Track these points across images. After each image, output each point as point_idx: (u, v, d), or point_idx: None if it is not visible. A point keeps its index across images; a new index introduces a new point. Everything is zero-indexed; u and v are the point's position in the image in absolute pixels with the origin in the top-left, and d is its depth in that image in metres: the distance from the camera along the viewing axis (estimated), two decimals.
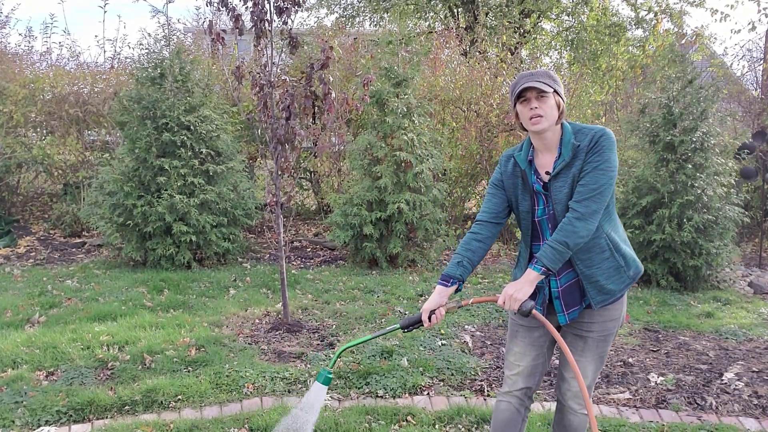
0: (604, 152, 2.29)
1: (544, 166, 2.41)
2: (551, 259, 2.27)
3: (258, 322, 5.18)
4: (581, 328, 2.47)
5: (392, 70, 7.19)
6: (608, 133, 2.32)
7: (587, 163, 2.30)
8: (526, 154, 2.44)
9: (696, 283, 6.42)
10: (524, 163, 2.43)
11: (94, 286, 6.18)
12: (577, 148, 2.33)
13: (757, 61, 11.04)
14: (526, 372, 2.56)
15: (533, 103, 2.30)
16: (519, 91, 2.30)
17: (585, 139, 2.33)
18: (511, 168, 2.48)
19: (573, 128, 2.39)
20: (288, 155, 4.85)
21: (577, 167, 2.32)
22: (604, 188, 2.28)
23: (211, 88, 7.73)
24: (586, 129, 2.36)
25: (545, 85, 2.28)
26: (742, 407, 3.69)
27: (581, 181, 2.30)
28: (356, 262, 7.35)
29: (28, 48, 10.71)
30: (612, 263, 2.39)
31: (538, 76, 2.32)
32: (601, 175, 2.28)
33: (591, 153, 2.30)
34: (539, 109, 2.30)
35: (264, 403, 3.66)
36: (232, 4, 4.74)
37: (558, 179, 2.36)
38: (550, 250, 2.28)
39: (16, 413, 3.46)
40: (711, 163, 6.53)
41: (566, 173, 2.34)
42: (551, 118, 2.32)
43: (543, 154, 2.42)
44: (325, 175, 9.42)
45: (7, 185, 9.39)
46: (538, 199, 2.44)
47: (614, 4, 21.41)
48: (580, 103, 8.97)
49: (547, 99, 2.30)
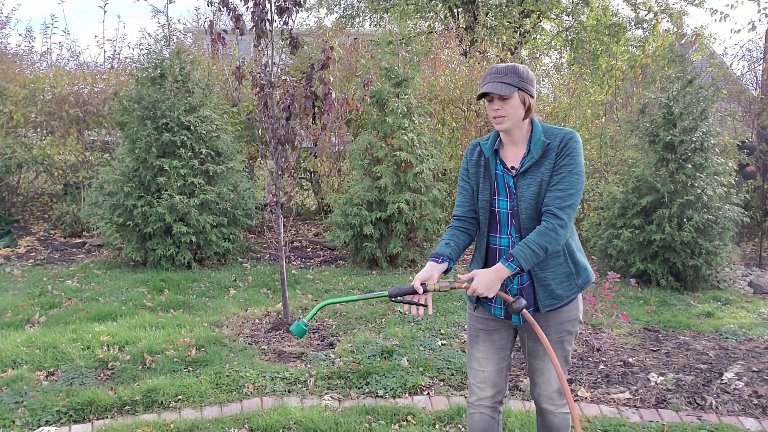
0: (575, 155, 2.30)
1: (511, 159, 2.41)
2: (527, 260, 2.25)
3: (258, 322, 5.18)
4: None
5: (392, 70, 7.19)
6: (577, 136, 2.34)
7: (560, 165, 2.29)
8: (493, 143, 2.43)
9: (696, 282, 6.42)
10: (489, 151, 2.43)
11: (95, 286, 6.18)
12: (547, 146, 2.32)
13: (756, 61, 11.03)
14: (492, 377, 2.52)
15: (496, 104, 2.30)
16: (481, 93, 2.31)
17: (555, 139, 2.33)
18: (477, 156, 2.48)
19: (542, 127, 2.38)
20: (288, 155, 4.86)
21: (546, 167, 2.31)
22: (579, 193, 2.30)
23: (211, 88, 7.73)
24: (556, 130, 2.37)
25: (507, 87, 2.26)
26: (742, 407, 3.69)
27: (558, 185, 2.29)
28: (356, 262, 7.35)
29: (28, 48, 10.73)
30: (564, 269, 2.39)
31: (501, 76, 2.29)
32: (576, 180, 2.29)
33: (562, 155, 2.29)
34: (501, 110, 2.30)
35: (264, 403, 3.67)
36: (233, 5, 4.75)
37: (526, 177, 2.34)
38: (528, 251, 2.25)
39: (16, 413, 3.47)
40: (711, 162, 6.53)
41: (535, 172, 2.33)
42: (514, 117, 2.31)
43: (509, 147, 2.42)
44: (325, 175, 9.42)
45: (7, 185, 9.40)
46: (500, 190, 2.42)
47: (614, 4, 21.42)
48: (580, 103, 8.97)
49: (510, 99, 2.29)
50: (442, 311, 5.37)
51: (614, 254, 6.63)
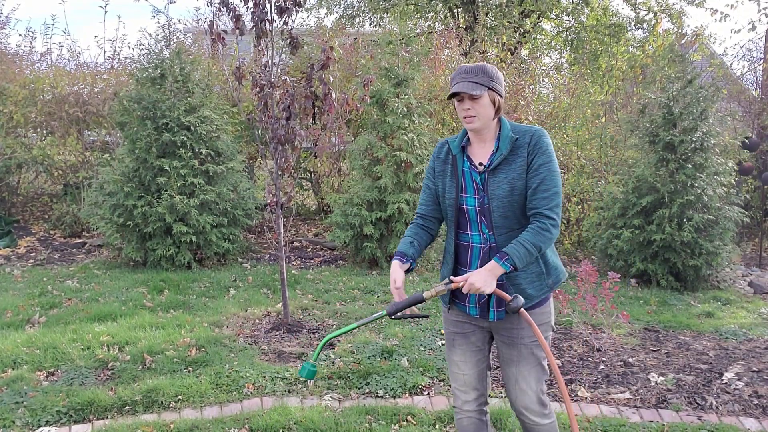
0: (549, 152, 2.31)
1: (479, 157, 2.41)
2: (522, 259, 2.23)
3: (258, 322, 5.18)
4: (511, 336, 2.43)
5: (392, 70, 7.19)
6: (545, 132, 2.36)
7: (537, 165, 2.29)
8: (461, 141, 2.44)
9: (696, 282, 6.42)
10: (456, 149, 2.43)
11: (95, 286, 6.18)
12: (515, 142, 2.33)
13: (757, 61, 11.03)
14: (472, 380, 2.51)
15: (466, 104, 2.31)
16: (451, 92, 2.30)
17: (524, 136, 2.33)
18: (444, 154, 2.48)
19: (510, 125, 2.39)
20: (288, 155, 4.86)
21: (518, 165, 2.31)
22: (561, 189, 2.32)
23: (211, 88, 7.73)
24: (524, 127, 2.38)
25: (477, 86, 2.27)
26: (742, 407, 3.69)
27: (542, 186, 2.28)
28: (356, 262, 7.35)
29: (28, 48, 10.73)
30: (536, 269, 2.38)
31: (471, 76, 2.29)
32: (556, 178, 2.30)
33: (536, 153, 2.30)
34: (471, 110, 2.31)
35: (264, 404, 3.67)
36: (233, 5, 4.75)
37: (497, 174, 2.34)
38: (523, 250, 2.24)
39: (16, 413, 3.46)
40: (711, 163, 6.53)
41: (506, 169, 2.32)
42: (485, 117, 2.32)
43: (477, 144, 2.42)
44: (325, 175, 9.42)
45: (7, 185, 9.40)
46: (467, 187, 2.41)
47: (614, 4, 21.42)
48: (580, 103, 8.97)
49: (480, 99, 2.29)
50: (441, 311, 5.36)
51: (614, 254, 6.63)
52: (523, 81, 8.94)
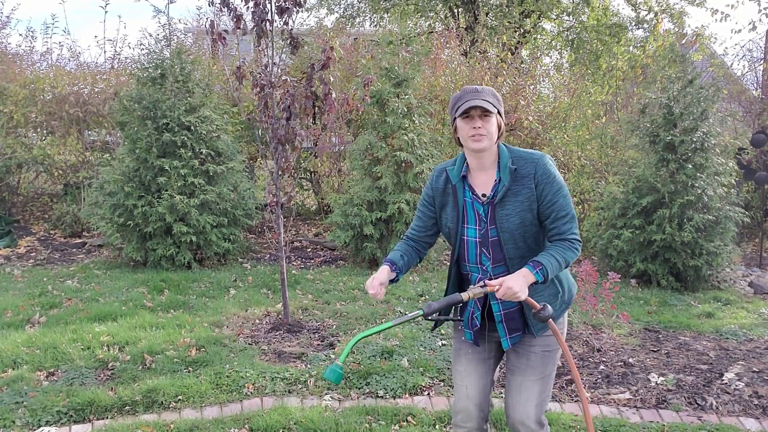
0: (556, 178, 2.27)
1: (481, 186, 2.34)
2: (553, 270, 2.23)
3: (258, 322, 5.18)
4: (523, 343, 2.41)
5: (393, 70, 7.19)
6: (546, 157, 2.31)
7: (549, 195, 2.25)
8: (460, 169, 2.36)
9: (696, 283, 6.41)
10: (456, 178, 2.36)
11: (95, 286, 6.18)
12: (514, 172, 2.27)
13: (757, 61, 11.03)
14: (474, 393, 2.44)
15: (477, 122, 2.24)
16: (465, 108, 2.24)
17: (526, 165, 2.27)
18: (443, 183, 2.40)
19: (510, 152, 2.32)
20: (288, 155, 4.85)
21: (525, 196, 2.26)
22: (569, 205, 2.29)
23: (211, 88, 7.73)
24: (523, 153, 2.31)
25: (490, 105, 2.23)
26: (742, 407, 3.69)
27: (560, 213, 2.26)
28: (356, 263, 7.35)
29: (28, 48, 10.73)
30: (552, 290, 2.37)
31: (484, 95, 2.26)
32: (568, 200, 2.28)
33: (545, 183, 2.25)
34: (482, 128, 2.24)
35: (264, 404, 3.67)
36: (233, 5, 4.75)
37: (504, 207, 2.28)
38: (555, 262, 2.23)
39: (16, 413, 3.47)
40: (711, 163, 6.52)
41: (513, 201, 2.27)
42: (492, 138, 2.27)
43: (478, 173, 2.35)
44: (326, 175, 9.42)
45: (7, 185, 9.40)
46: (469, 217, 2.36)
47: (615, 4, 21.42)
48: (581, 103, 8.97)
49: (490, 118, 2.25)
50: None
51: (614, 254, 6.63)
52: (524, 81, 8.94)
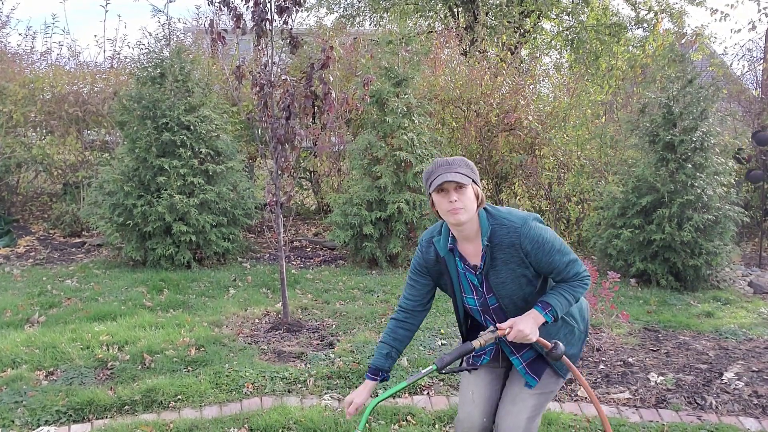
0: (545, 237, 2.20)
1: (471, 257, 2.30)
2: (563, 309, 2.23)
3: (258, 321, 5.18)
4: None
5: (392, 69, 7.19)
6: (529, 222, 2.22)
7: (542, 255, 2.20)
8: (446, 241, 2.31)
9: (696, 282, 6.41)
10: (444, 250, 2.31)
11: (94, 285, 6.18)
12: (496, 246, 2.21)
13: (757, 61, 11.03)
14: (481, 401, 2.41)
15: (452, 195, 2.17)
16: (438, 183, 2.17)
17: (509, 235, 2.20)
18: (433, 254, 2.35)
19: (491, 219, 2.24)
20: (288, 155, 4.85)
21: (515, 264, 2.22)
22: (569, 250, 2.26)
23: (211, 87, 7.72)
24: (507, 222, 2.22)
25: (464, 177, 2.16)
26: (742, 407, 3.69)
27: (558, 266, 2.22)
28: (356, 262, 7.34)
29: (28, 48, 10.72)
30: (566, 329, 2.36)
31: (456, 166, 2.19)
32: (563, 250, 2.23)
33: (536, 248, 2.19)
34: (458, 202, 2.16)
35: (264, 403, 3.66)
36: (233, 4, 4.74)
37: (498, 275, 2.25)
38: (565, 301, 2.23)
39: (15, 413, 3.46)
40: (711, 162, 6.52)
41: (505, 269, 2.24)
42: (471, 210, 2.19)
43: (464, 243, 2.30)
44: (325, 174, 9.42)
45: (6, 185, 9.39)
46: (465, 287, 2.34)
47: (614, 4, 21.42)
48: (580, 103, 8.97)
49: (465, 189, 2.18)
50: (441, 311, 5.37)
51: (614, 254, 6.63)
52: (523, 80, 8.94)
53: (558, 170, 8.63)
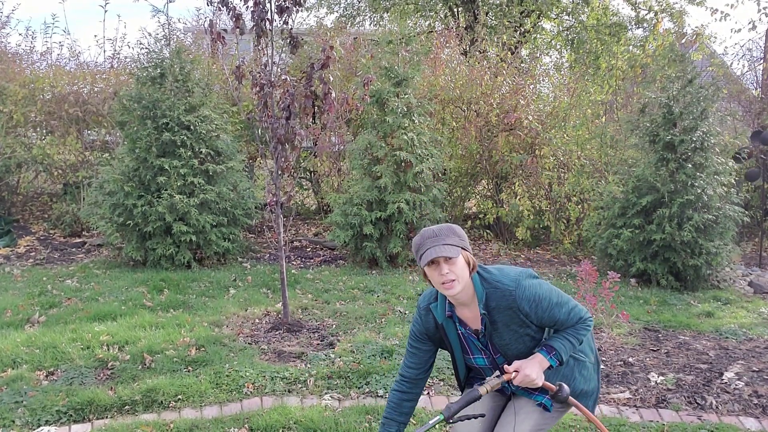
0: (541, 294, 2.21)
1: (471, 321, 2.31)
2: (567, 353, 2.24)
3: (258, 321, 5.18)
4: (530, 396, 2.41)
5: (392, 69, 7.19)
6: (523, 283, 2.22)
7: (542, 312, 2.22)
8: (443, 308, 2.31)
9: (696, 282, 6.41)
10: (442, 317, 2.32)
11: (94, 285, 6.18)
12: (492, 309, 2.22)
13: (757, 61, 11.04)
14: (483, 409, 2.41)
15: (443, 268, 2.16)
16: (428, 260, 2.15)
17: (504, 299, 2.21)
18: (432, 322, 2.36)
19: (485, 283, 2.24)
20: (288, 155, 4.85)
21: (517, 325, 2.23)
22: (568, 299, 2.26)
23: (211, 87, 7.72)
24: (501, 286, 2.22)
25: (452, 248, 2.15)
26: (742, 407, 3.69)
27: (560, 318, 2.24)
28: (356, 262, 7.34)
29: (28, 48, 10.72)
30: (579, 365, 2.37)
31: (443, 238, 2.16)
32: (561, 301, 2.24)
33: (534, 309, 2.21)
34: (450, 273, 2.16)
35: (264, 403, 3.67)
36: (232, 4, 4.74)
37: (502, 338, 2.26)
38: (569, 344, 2.24)
39: (16, 413, 3.46)
40: (711, 162, 6.52)
41: (507, 331, 2.25)
42: (464, 280, 2.19)
43: (462, 309, 2.30)
44: (325, 174, 9.42)
45: (7, 185, 9.39)
46: (472, 349, 2.36)
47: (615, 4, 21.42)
48: (580, 103, 8.97)
49: (456, 260, 2.16)
50: None
51: (614, 254, 6.63)
52: (523, 80, 8.94)
53: (558, 170, 8.63)
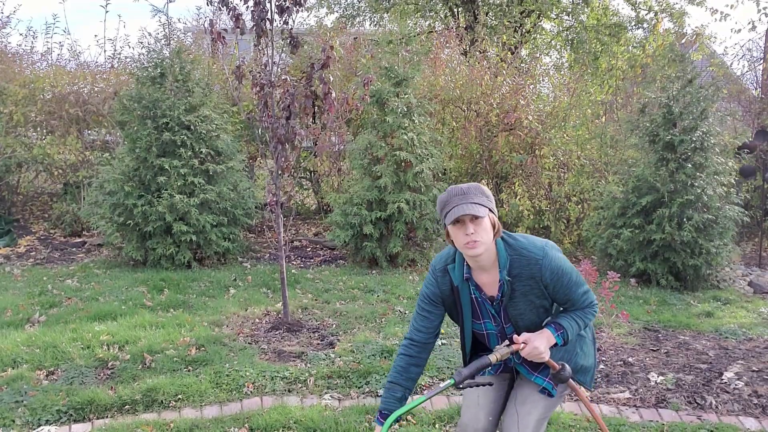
0: (563, 268, 2.19)
1: (487, 287, 2.27)
2: (573, 334, 2.24)
3: (258, 321, 5.18)
4: None
5: (392, 69, 7.19)
6: (550, 254, 2.19)
7: (560, 287, 2.21)
8: (461, 271, 2.27)
9: (696, 282, 6.42)
10: (458, 280, 2.27)
11: (95, 285, 6.18)
12: (515, 278, 2.19)
13: (757, 61, 11.04)
14: (486, 402, 2.40)
15: (469, 228, 2.11)
16: (454, 217, 2.10)
17: (529, 266, 2.18)
18: (448, 284, 2.30)
19: (509, 249, 2.21)
20: (288, 155, 4.86)
21: (535, 294, 2.22)
22: (582, 285, 2.26)
23: (211, 87, 7.72)
24: (526, 253, 2.19)
25: (480, 207, 2.11)
26: (741, 406, 3.69)
27: (574, 296, 2.23)
28: (356, 262, 7.35)
29: (28, 48, 10.73)
30: (579, 340, 2.37)
31: (471, 196, 2.11)
32: (578, 280, 2.23)
33: (554, 280, 2.19)
34: (476, 234, 2.11)
35: (264, 403, 3.67)
36: (232, 4, 4.75)
37: (516, 307, 2.24)
38: (576, 326, 2.24)
39: (16, 412, 3.47)
40: (711, 162, 6.53)
41: (524, 300, 2.23)
42: (487, 241, 2.14)
43: (480, 273, 2.26)
44: (325, 174, 9.42)
45: (7, 185, 9.40)
46: (483, 314, 2.32)
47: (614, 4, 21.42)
48: (580, 103, 8.97)
49: (482, 220, 2.11)
50: None
51: (614, 254, 6.63)
52: (523, 80, 8.94)
53: (558, 170, 8.63)
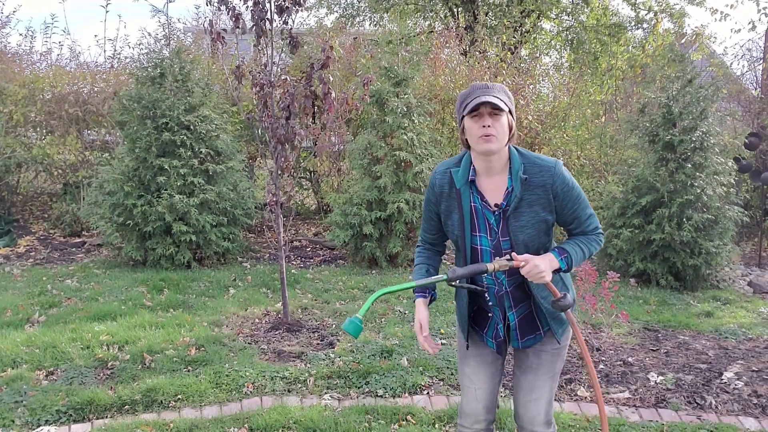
0: (573, 184, 2.16)
1: (491, 193, 2.18)
2: (577, 261, 2.18)
3: (258, 321, 5.18)
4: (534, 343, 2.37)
5: (392, 69, 7.19)
6: (560, 164, 2.17)
7: (569, 202, 2.16)
8: (466, 173, 2.19)
9: (695, 282, 6.42)
10: (461, 182, 2.19)
11: (94, 285, 6.18)
12: (526, 182, 2.13)
13: (756, 61, 11.03)
14: (484, 395, 2.39)
15: (486, 120, 2.06)
16: (473, 105, 2.06)
17: (541, 174, 2.13)
18: (448, 186, 2.22)
19: (522, 157, 2.17)
20: (288, 155, 4.85)
21: (541, 206, 2.14)
22: (588, 207, 2.23)
23: (210, 87, 7.72)
24: (539, 161, 2.15)
25: (501, 101, 2.07)
26: (741, 406, 3.69)
27: (581, 216, 2.20)
28: (356, 262, 7.35)
29: (28, 48, 10.72)
30: (563, 289, 2.30)
31: (494, 91, 2.09)
32: (585, 200, 2.21)
33: (563, 192, 2.13)
34: (492, 128, 2.06)
35: (264, 403, 3.67)
36: (232, 4, 4.74)
37: (519, 218, 2.15)
38: (581, 252, 2.19)
39: (16, 413, 3.47)
40: (710, 162, 6.53)
41: (527, 212, 2.14)
42: (503, 139, 2.09)
43: (486, 178, 2.18)
44: (325, 174, 9.42)
45: (7, 185, 9.39)
46: (480, 227, 2.21)
47: (614, 4, 21.41)
48: (580, 103, 8.98)
49: (500, 117, 2.08)
50: (441, 311, 5.37)
51: (614, 254, 6.63)
52: (523, 80, 8.94)
53: None
